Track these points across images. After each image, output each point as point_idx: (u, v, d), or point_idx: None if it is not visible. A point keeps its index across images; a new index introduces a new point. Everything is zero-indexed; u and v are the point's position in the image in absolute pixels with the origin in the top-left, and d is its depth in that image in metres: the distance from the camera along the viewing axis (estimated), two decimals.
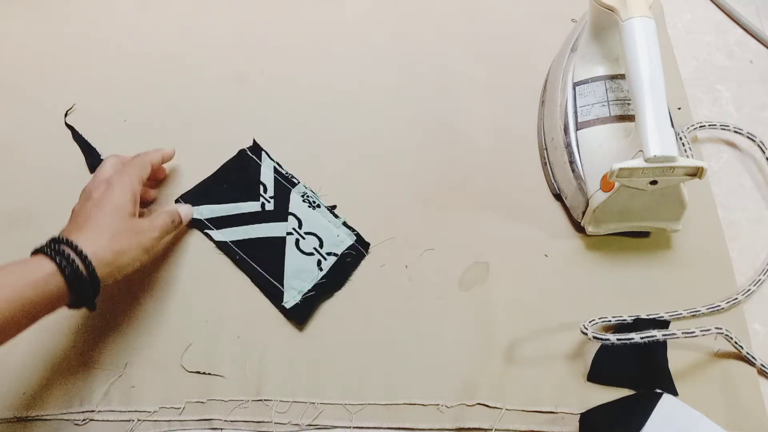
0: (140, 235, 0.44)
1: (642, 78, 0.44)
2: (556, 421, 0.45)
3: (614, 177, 0.44)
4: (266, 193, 0.54)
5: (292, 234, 0.52)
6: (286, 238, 0.52)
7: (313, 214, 0.53)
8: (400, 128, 0.60)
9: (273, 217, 0.53)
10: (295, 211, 0.53)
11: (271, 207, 0.54)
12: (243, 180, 0.55)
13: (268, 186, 0.55)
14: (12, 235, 0.55)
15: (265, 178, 0.55)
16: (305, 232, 0.52)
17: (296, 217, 0.53)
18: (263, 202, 0.54)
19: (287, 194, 0.54)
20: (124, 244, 0.43)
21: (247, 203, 0.54)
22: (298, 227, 0.52)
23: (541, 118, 0.58)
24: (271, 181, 0.55)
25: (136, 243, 0.44)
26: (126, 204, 0.45)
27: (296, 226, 0.52)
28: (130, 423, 0.45)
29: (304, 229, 0.52)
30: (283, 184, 0.55)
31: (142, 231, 0.45)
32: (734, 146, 0.58)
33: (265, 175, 0.55)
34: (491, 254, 0.52)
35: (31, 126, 0.61)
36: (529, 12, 0.67)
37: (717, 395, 0.45)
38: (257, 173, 0.55)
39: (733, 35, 0.65)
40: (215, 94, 0.62)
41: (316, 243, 0.52)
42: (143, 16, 0.68)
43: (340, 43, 0.65)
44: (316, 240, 0.52)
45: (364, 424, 0.45)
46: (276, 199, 0.54)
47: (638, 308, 0.48)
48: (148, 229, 0.45)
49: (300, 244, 0.52)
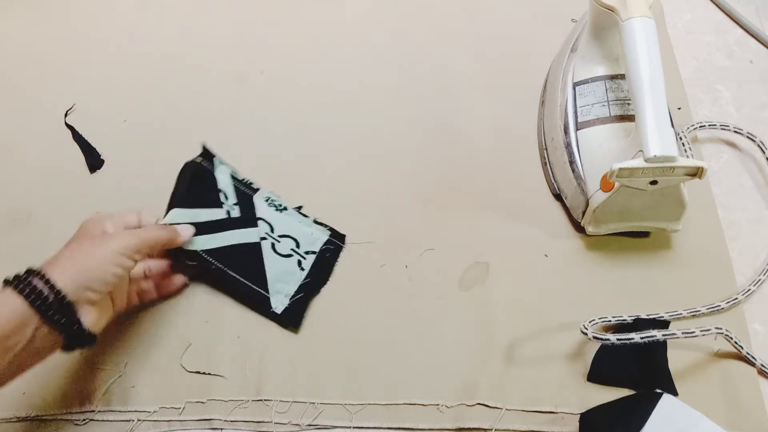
0: (111, 241, 0.40)
1: (642, 78, 0.44)
2: (556, 421, 0.45)
3: (614, 177, 0.44)
4: (228, 201, 0.51)
5: (267, 238, 0.51)
6: (261, 243, 0.50)
7: (282, 217, 0.52)
8: (400, 128, 0.60)
9: (241, 224, 0.50)
10: (263, 216, 0.52)
11: (237, 214, 0.51)
12: (201, 188, 0.51)
13: (227, 193, 0.52)
14: (12, 235, 0.55)
15: (223, 185, 0.52)
16: (279, 235, 0.51)
17: (266, 222, 0.52)
18: (227, 209, 0.51)
19: (250, 200, 0.52)
20: (87, 250, 0.40)
21: (211, 209, 0.50)
22: (271, 231, 0.51)
23: (541, 118, 0.58)
24: (231, 188, 0.52)
25: (105, 249, 0.40)
26: (91, 223, 0.43)
27: (268, 231, 0.51)
28: (130, 423, 0.45)
29: (277, 232, 0.51)
30: (243, 191, 0.53)
31: (114, 236, 0.41)
32: (734, 146, 0.58)
33: (222, 182, 0.52)
34: (491, 254, 0.52)
35: (31, 126, 0.61)
36: (529, 12, 0.67)
37: (717, 395, 0.45)
38: (213, 181, 0.52)
39: (733, 35, 0.65)
40: (215, 94, 0.62)
41: (292, 244, 0.51)
42: (143, 16, 0.68)
43: (340, 43, 0.65)
44: (292, 241, 0.51)
45: (364, 424, 0.45)
46: (240, 206, 0.51)
47: (638, 308, 0.48)
48: (121, 234, 0.41)
49: (276, 247, 0.51)
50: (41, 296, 0.36)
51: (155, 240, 0.43)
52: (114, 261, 0.40)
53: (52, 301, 0.37)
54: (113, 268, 0.40)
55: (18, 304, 0.36)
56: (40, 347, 0.37)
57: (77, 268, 0.39)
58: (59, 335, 0.38)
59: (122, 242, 0.40)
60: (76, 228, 0.54)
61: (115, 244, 0.40)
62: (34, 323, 0.36)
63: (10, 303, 0.36)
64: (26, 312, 0.36)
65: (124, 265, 0.40)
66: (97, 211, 0.55)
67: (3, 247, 0.54)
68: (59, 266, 0.38)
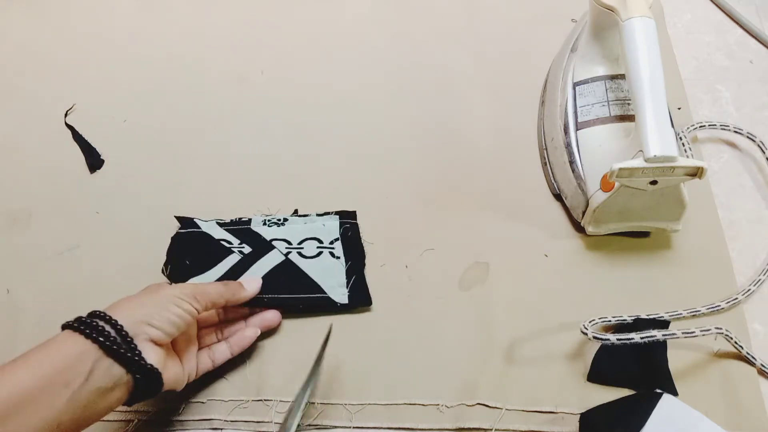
0: (170, 287, 0.42)
1: (642, 78, 0.44)
2: (556, 421, 0.45)
3: (614, 177, 0.44)
4: (233, 244, 0.51)
5: (291, 251, 0.51)
6: (289, 258, 0.50)
7: (288, 228, 0.52)
8: (400, 128, 0.60)
9: (259, 254, 0.50)
10: (273, 236, 0.52)
11: (249, 249, 0.51)
12: (202, 249, 0.51)
13: (228, 239, 0.51)
14: (12, 235, 0.55)
15: (220, 235, 0.52)
16: (298, 243, 0.51)
17: (279, 240, 0.51)
18: (238, 250, 0.51)
19: (251, 232, 0.52)
20: (145, 294, 0.41)
21: (225, 260, 0.50)
22: (289, 244, 0.51)
23: (541, 118, 0.58)
24: (227, 234, 0.52)
25: (164, 292, 0.41)
26: (156, 284, 0.44)
27: (287, 245, 0.51)
28: (130, 423, 0.45)
29: (295, 241, 0.51)
30: (240, 228, 0.52)
31: (173, 286, 0.42)
32: (734, 146, 0.58)
33: (217, 233, 0.52)
34: (491, 254, 0.52)
35: (31, 126, 0.61)
36: (529, 12, 0.67)
37: (717, 395, 0.45)
38: (209, 237, 0.52)
39: (733, 35, 0.65)
40: (215, 94, 0.62)
41: (315, 243, 0.51)
42: (143, 17, 0.68)
43: (340, 43, 0.65)
44: (313, 241, 0.51)
45: (364, 424, 0.45)
46: (247, 242, 0.51)
47: (638, 308, 0.48)
48: (181, 284, 0.43)
49: (303, 252, 0.51)
50: (97, 328, 0.36)
51: (217, 294, 0.44)
52: (173, 301, 0.40)
53: (108, 333, 0.36)
54: (173, 307, 0.40)
55: (75, 339, 0.36)
56: (101, 386, 0.35)
57: (135, 306, 0.39)
58: (122, 370, 0.36)
59: (182, 288, 0.42)
60: (76, 228, 0.55)
61: (174, 289, 0.41)
62: (93, 356, 0.35)
63: (68, 339, 0.36)
64: (83, 345, 0.36)
65: (183, 307, 0.40)
66: (97, 211, 0.56)
67: (3, 247, 0.54)
68: (118, 307, 0.39)
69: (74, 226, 0.55)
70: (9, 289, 0.52)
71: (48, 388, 0.34)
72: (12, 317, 0.50)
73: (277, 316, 0.48)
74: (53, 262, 0.53)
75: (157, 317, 0.39)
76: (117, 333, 0.37)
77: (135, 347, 0.37)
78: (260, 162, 0.58)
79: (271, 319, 0.48)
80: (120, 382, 0.36)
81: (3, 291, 0.52)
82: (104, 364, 0.36)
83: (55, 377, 0.34)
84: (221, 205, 0.55)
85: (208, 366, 0.45)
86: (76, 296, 0.51)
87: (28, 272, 0.52)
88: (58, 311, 0.40)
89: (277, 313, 0.48)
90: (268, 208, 0.54)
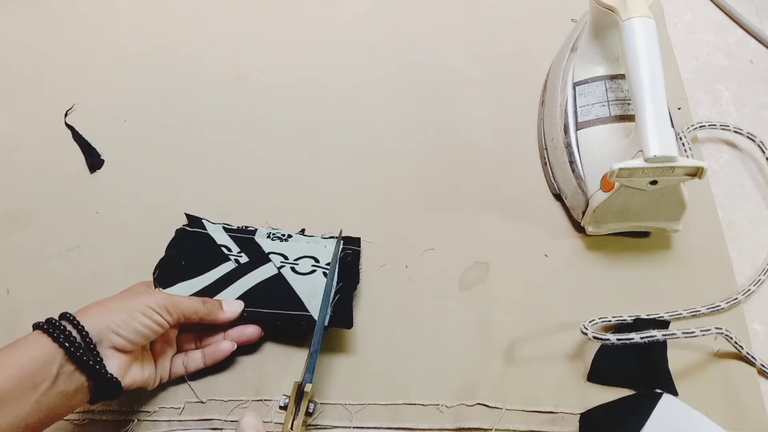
0: (144, 295, 0.42)
1: (642, 78, 0.44)
2: (556, 421, 0.45)
3: (614, 177, 0.44)
4: (233, 251, 0.51)
5: (284, 266, 0.50)
6: (281, 272, 0.49)
7: (290, 245, 0.52)
8: (400, 128, 0.60)
9: (254, 265, 0.50)
10: (272, 250, 0.51)
11: (245, 259, 0.50)
12: (201, 252, 0.51)
13: (229, 245, 0.51)
14: (12, 235, 0.55)
15: (222, 240, 0.51)
16: (295, 259, 0.51)
17: (277, 254, 0.51)
18: (235, 259, 0.50)
19: (253, 242, 0.51)
20: (119, 299, 0.41)
21: (220, 266, 0.49)
22: (285, 259, 0.50)
23: (541, 118, 0.58)
24: (230, 240, 0.51)
25: (136, 300, 0.41)
26: (135, 286, 0.44)
27: (283, 260, 0.50)
28: (130, 423, 0.45)
29: (292, 257, 0.51)
30: (243, 237, 0.52)
31: (150, 293, 0.43)
32: (734, 146, 0.58)
33: (220, 238, 0.51)
34: (491, 254, 0.52)
35: (31, 126, 0.61)
36: (529, 12, 0.67)
37: (717, 395, 0.45)
38: (211, 240, 0.51)
39: (733, 35, 0.65)
40: (215, 94, 0.62)
41: (311, 261, 0.50)
42: (143, 16, 0.68)
43: (340, 43, 0.65)
44: (310, 259, 0.50)
45: (364, 424, 0.45)
46: (246, 252, 0.51)
47: (638, 308, 0.48)
48: (158, 293, 0.43)
49: (297, 269, 0.50)
50: (65, 332, 0.37)
51: (192, 310, 0.44)
52: (143, 311, 0.40)
53: (74, 338, 0.37)
54: (142, 317, 0.40)
55: (43, 340, 0.37)
56: (65, 390, 0.37)
57: (105, 312, 0.39)
58: (83, 377, 0.38)
59: (155, 298, 0.42)
60: (76, 228, 0.55)
61: (147, 298, 0.41)
62: (59, 360, 0.37)
63: (36, 341, 0.37)
64: (50, 349, 0.37)
65: (153, 318, 0.41)
66: (97, 211, 0.56)
67: (3, 247, 0.54)
68: (89, 311, 0.39)
69: (74, 226, 0.55)
70: (9, 289, 0.52)
71: (16, 391, 0.35)
72: (12, 317, 0.50)
73: (257, 331, 0.47)
74: (53, 262, 0.53)
75: (123, 326, 0.39)
76: (82, 339, 0.38)
77: (97, 354, 0.38)
78: (260, 162, 0.58)
79: (250, 333, 0.46)
80: (82, 387, 0.38)
81: (3, 291, 0.52)
82: (68, 369, 0.37)
83: (23, 380, 0.35)
84: (221, 205, 0.55)
85: (181, 371, 0.46)
86: (76, 296, 0.51)
87: (28, 272, 0.52)
88: (58, 311, 0.39)
89: (258, 328, 0.47)
90: (275, 222, 0.54)
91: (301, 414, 0.40)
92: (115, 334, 0.39)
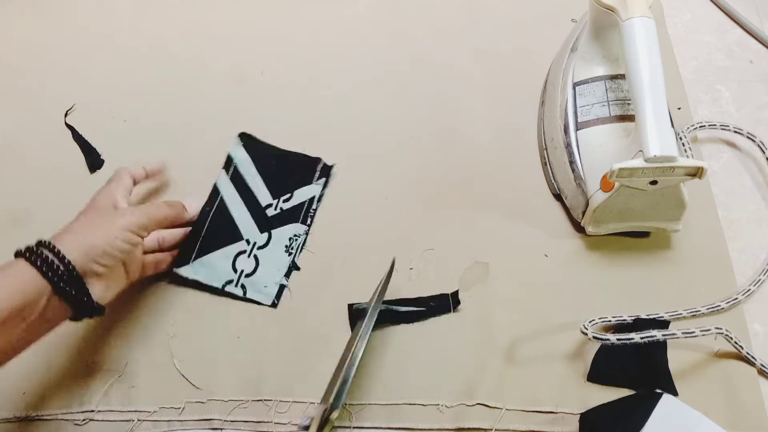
0: (119, 217, 0.42)
1: (642, 78, 0.44)
2: (556, 421, 0.45)
3: (614, 177, 0.44)
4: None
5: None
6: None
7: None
8: (400, 128, 0.60)
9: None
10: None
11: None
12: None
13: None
14: (12, 235, 0.55)
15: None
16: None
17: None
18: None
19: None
20: (96, 224, 0.41)
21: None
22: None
23: (541, 118, 0.58)
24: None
25: (113, 225, 0.41)
26: (103, 196, 0.44)
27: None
28: (130, 423, 0.45)
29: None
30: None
31: (122, 213, 0.43)
32: (734, 146, 0.58)
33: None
34: (491, 254, 0.52)
35: (31, 126, 0.61)
36: (529, 12, 0.67)
37: (717, 395, 0.45)
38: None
39: (733, 35, 0.65)
40: (215, 94, 0.62)
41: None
42: (143, 16, 0.68)
43: (340, 43, 0.65)
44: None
45: (364, 424, 0.45)
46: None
47: (638, 308, 0.48)
48: (129, 211, 0.43)
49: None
50: (52, 267, 0.38)
51: (163, 217, 0.46)
52: (121, 236, 0.41)
53: (62, 272, 0.38)
54: (120, 243, 0.41)
55: (32, 275, 0.37)
56: (50, 317, 0.39)
57: (85, 242, 0.40)
58: (68, 306, 0.39)
59: (130, 219, 0.42)
60: None
61: (122, 220, 0.42)
62: (47, 294, 0.38)
63: (24, 274, 0.37)
64: (40, 283, 0.37)
65: (131, 240, 0.42)
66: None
67: (3, 247, 0.54)
68: (68, 239, 0.40)
69: None
70: None
71: (6, 323, 0.36)
72: None
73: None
74: None
75: (104, 256, 0.40)
76: (69, 273, 0.38)
77: (83, 285, 0.39)
78: None
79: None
80: (66, 313, 0.40)
81: None
82: (55, 301, 0.38)
83: (13, 312, 0.36)
84: None
85: (150, 273, 0.48)
86: None
87: None
88: None
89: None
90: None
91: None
92: (98, 264, 0.40)
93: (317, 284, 0.51)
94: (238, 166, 0.55)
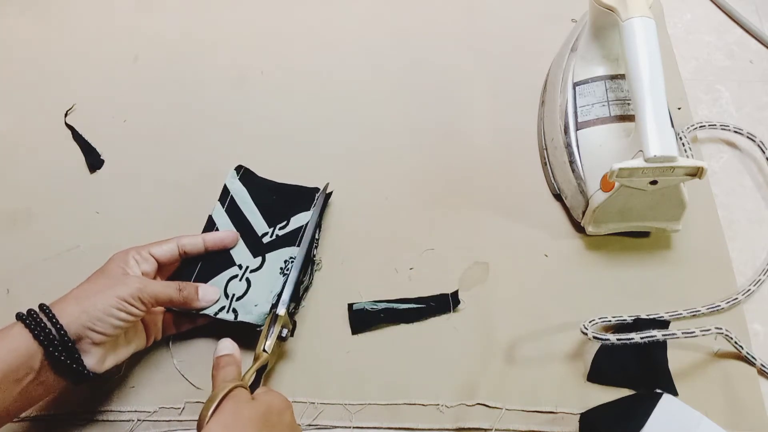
0: (118, 287, 0.41)
1: (642, 78, 0.44)
2: (556, 421, 0.45)
3: (614, 177, 0.44)
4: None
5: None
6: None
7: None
8: (401, 128, 0.60)
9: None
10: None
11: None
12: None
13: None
14: (12, 235, 0.55)
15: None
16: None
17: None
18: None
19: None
20: (95, 291, 0.40)
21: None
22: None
23: (541, 118, 0.58)
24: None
25: (110, 294, 0.40)
26: (115, 260, 0.43)
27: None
28: (130, 423, 0.45)
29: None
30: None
31: (125, 281, 0.41)
32: (734, 146, 0.58)
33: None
34: (491, 254, 0.52)
35: (31, 126, 0.61)
36: (529, 12, 0.67)
37: (717, 395, 0.45)
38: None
39: (733, 35, 0.65)
40: (215, 94, 0.62)
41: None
42: (143, 16, 0.69)
43: (340, 43, 0.66)
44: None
45: (364, 424, 0.45)
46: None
47: (638, 308, 0.48)
48: (133, 281, 0.42)
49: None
50: (44, 330, 0.38)
51: (167, 298, 0.44)
52: (117, 306, 0.40)
53: (53, 337, 0.38)
54: (116, 312, 0.40)
55: (25, 337, 0.38)
56: (46, 381, 0.39)
57: (81, 309, 0.39)
58: (58, 370, 0.39)
59: (127, 290, 0.41)
60: (76, 228, 0.55)
61: (121, 289, 0.41)
62: (39, 357, 0.38)
63: (19, 336, 0.38)
64: (31, 345, 0.37)
65: (128, 311, 0.41)
66: (97, 211, 0.56)
67: (3, 247, 0.54)
68: (67, 304, 0.40)
69: (74, 226, 0.55)
70: (9, 289, 0.52)
71: (1, 383, 0.36)
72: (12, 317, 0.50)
73: (232, 235, 0.50)
74: (53, 262, 0.53)
75: (99, 324, 0.39)
76: (60, 339, 0.38)
77: (75, 352, 0.39)
78: (260, 162, 0.58)
79: (226, 237, 0.50)
80: (61, 381, 0.39)
81: (3, 291, 0.52)
82: (49, 365, 0.38)
83: (8, 374, 0.36)
84: None
85: (172, 332, 0.48)
86: None
87: (28, 272, 0.52)
88: None
89: (233, 232, 0.50)
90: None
91: (273, 336, 0.44)
92: (93, 331, 0.39)
93: (317, 284, 0.51)
94: (235, 197, 0.53)
